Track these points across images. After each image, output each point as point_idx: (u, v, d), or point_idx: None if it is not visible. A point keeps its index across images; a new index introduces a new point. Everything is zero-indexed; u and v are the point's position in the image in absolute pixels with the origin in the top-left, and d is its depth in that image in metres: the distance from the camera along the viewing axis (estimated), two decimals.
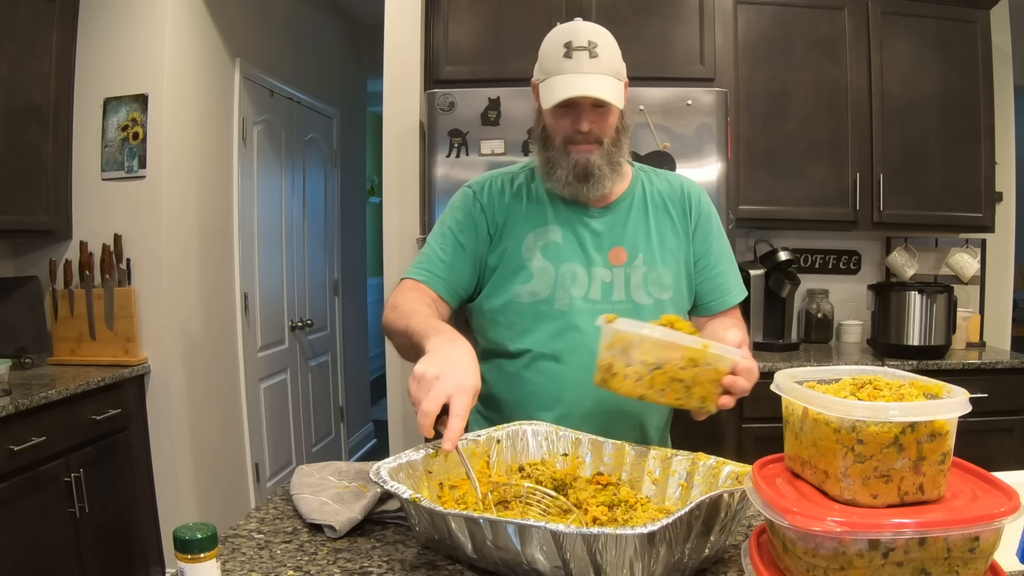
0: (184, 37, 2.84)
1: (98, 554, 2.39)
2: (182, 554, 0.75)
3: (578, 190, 1.32)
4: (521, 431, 1.16)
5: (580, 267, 1.34)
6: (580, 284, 1.33)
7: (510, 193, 1.39)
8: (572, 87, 1.23)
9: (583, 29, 1.28)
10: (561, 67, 1.25)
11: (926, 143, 2.90)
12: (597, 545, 0.77)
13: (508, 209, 1.38)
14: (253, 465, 3.37)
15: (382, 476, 0.95)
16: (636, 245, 1.36)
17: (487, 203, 1.38)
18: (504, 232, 1.37)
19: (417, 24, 2.78)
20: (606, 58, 1.26)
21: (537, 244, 1.35)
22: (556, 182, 1.33)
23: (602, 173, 1.31)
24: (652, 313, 1.33)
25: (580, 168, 1.30)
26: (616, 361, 1.06)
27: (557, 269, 1.33)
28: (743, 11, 2.81)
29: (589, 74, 1.24)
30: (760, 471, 0.88)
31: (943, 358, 2.71)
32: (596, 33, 1.28)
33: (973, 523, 0.72)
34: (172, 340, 2.78)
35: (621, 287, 1.34)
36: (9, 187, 2.47)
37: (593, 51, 1.25)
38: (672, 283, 1.37)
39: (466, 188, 1.42)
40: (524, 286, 1.33)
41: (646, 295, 1.34)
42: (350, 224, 4.70)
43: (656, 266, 1.36)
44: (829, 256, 3.23)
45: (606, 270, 1.34)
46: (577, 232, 1.35)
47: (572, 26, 1.29)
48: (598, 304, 1.33)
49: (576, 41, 1.25)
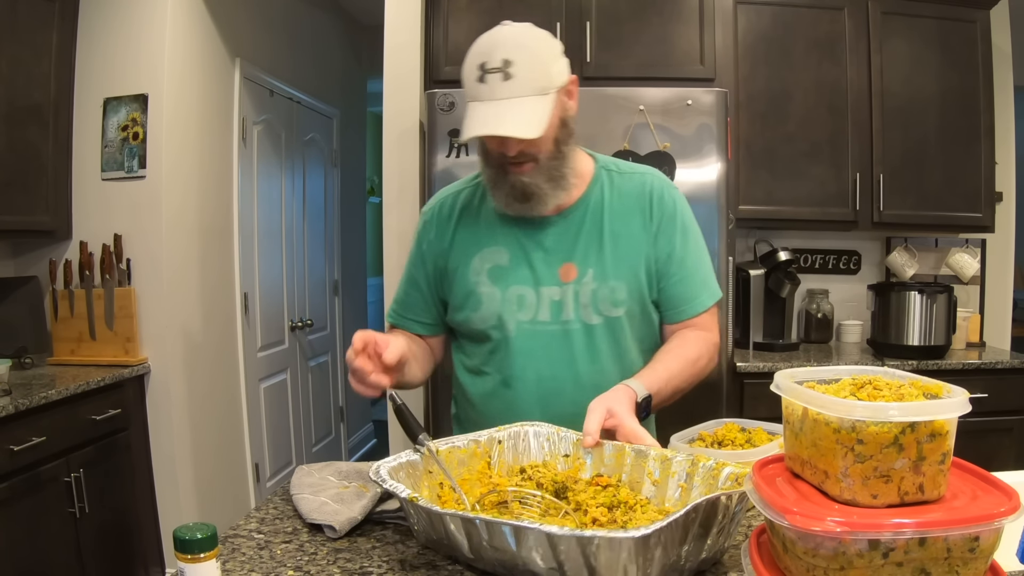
0: (184, 37, 2.84)
1: (98, 554, 2.39)
2: (182, 554, 0.75)
3: (520, 210, 1.27)
4: (523, 432, 1.16)
5: (528, 289, 1.30)
6: (528, 307, 1.30)
7: (456, 215, 1.37)
8: (483, 122, 1.16)
9: (500, 43, 1.17)
10: (476, 92, 1.18)
11: (926, 143, 2.90)
12: (591, 547, 0.77)
13: (454, 233, 1.36)
14: (253, 465, 3.37)
15: (381, 475, 0.95)
16: (587, 260, 1.30)
17: (434, 235, 1.38)
18: (451, 256, 1.36)
19: (417, 24, 2.78)
20: (523, 77, 1.15)
21: (484, 267, 1.32)
22: (500, 201, 1.29)
23: (542, 192, 1.24)
24: (603, 333, 1.30)
25: (518, 190, 1.24)
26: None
27: (504, 294, 1.30)
28: (743, 11, 2.81)
29: (502, 100, 1.15)
30: (760, 471, 0.88)
31: (943, 358, 2.71)
32: (515, 46, 1.16)
33: (973, 523, 0.72)
34: (172, 340, 2.78)
35: (571, 306, 1.29)
36: (9, 187, 2.47)
37: (507, 71, 1.15)
38: (626, 297, 1.30)
39: (422, 214, 1.43)
40: (474, 312, 1.32)
41: (596, 314, 1.29)
42: (350, 224, 4.70)
43: (608, 281, 1.29)
44: (829, 256, 3.23)
45: (556, 288, 1.29)
46: (525, 250, 1.31)
47: (491, 39, 1.19)
48: (547, 326, 1.29)
49: (490, 61, 1.16)
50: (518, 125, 1.15)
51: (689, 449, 1.12)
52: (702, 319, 1.35)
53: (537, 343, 1.29)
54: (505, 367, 1.31)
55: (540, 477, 1.03)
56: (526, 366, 1.30)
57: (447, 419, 1.55)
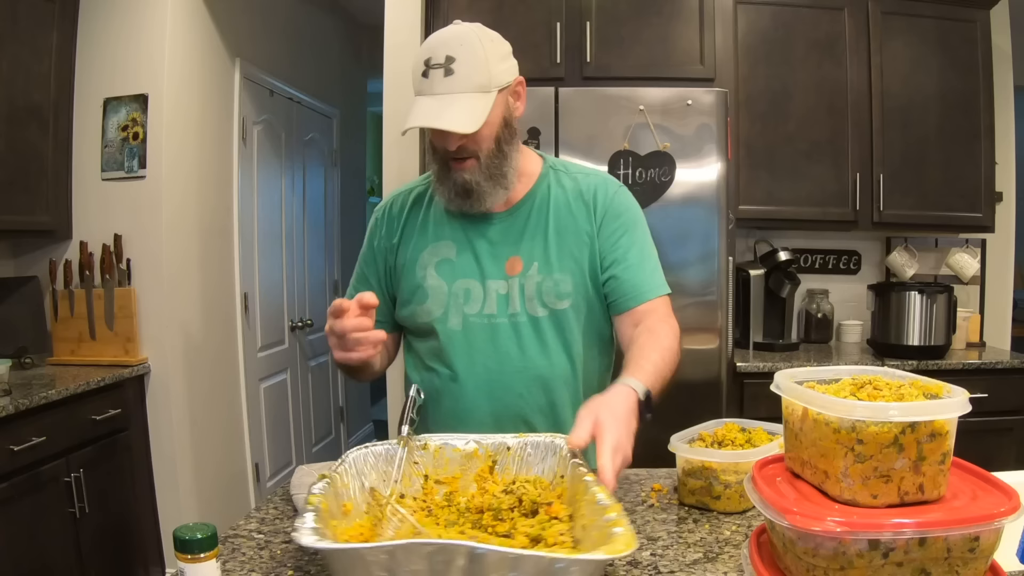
0: (184, 37, 2.83)
1: (98, 554, 2.39)
2: (182, 554, 0.75)
3: (462, 206, 1.29)
4: (533, 442, 1.11)
5: (475, 282, 1.31)
6: (474, 300, 1.31)
7: (407, 210, 1.39)
8: (420, 115, 1.18)
9: (446, 41, 1.20)
10: (419, 87, 1.20)
11: (926, 143, 2.90)
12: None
13: (403, 228, 1.38)
14: (253, 465, 3.37)
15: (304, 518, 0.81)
16: (532, 253, 1.32)
17: (384, 232, 1.39)
18: (400, 251, 1.37)
19: (417, 24, 2.78)
20: (464, 73, 1.18)
21: (432, 261, 1.33)
22: (443, 197, 1.30)
23: (481, 189, 1.26)
24: (549, 325, 1.30)
25: (459, 186, 1.26)
26: None
27: (450, 287, 1.31)
28: (743, 11, 2.81)
29: (441, 95, 1.18)
30: (760, 471, 0.88)
31: (943, 358, 2.71)
32: (458, 44, 1.19)
33: (973, 523, 0.72)
34: (172, 340, 2.78)
35: (517, 299, 1.30)
36: (9, 187, 2.47)
37: (449, 68, 1.17)
38: (571, 290, 1.31)
39: (374, 212, 1.44)
40: (421, 306, 1.33)
41: (541, 306, 1.30)
42: (350, 224, 4.70)
43: (552, 274, 1.31)
44: (829, 256, 3.23)
45: (502, 282, 1.31)
46: (472, 244, 1.33)
47: (439, 36, 1.22)
48: (494, 319, 1.30)
49: (434, 57, 1.18)
50: (454, 120, 1.16)
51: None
52: (655, 306, 1.31)
53: (483, 336, 1.30)
54: (452, 361, 1.31)
55: (522, 493, 1.01)
56: (473, 359, 1.30)
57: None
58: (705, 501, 1.13)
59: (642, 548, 1.00)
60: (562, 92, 2.47)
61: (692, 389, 2.42)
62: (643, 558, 0.97)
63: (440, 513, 1.03)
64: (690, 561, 0.96)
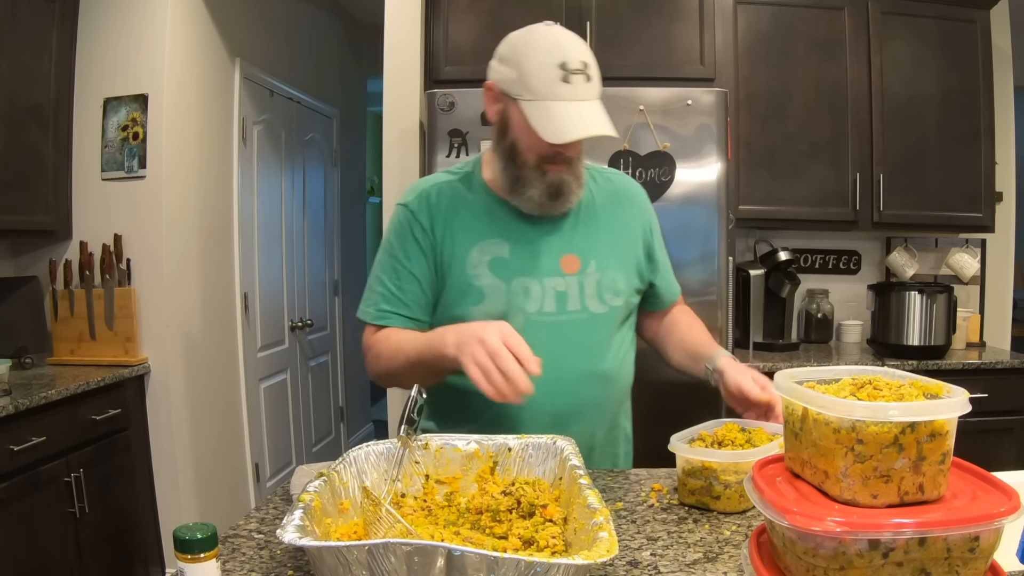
0: (184, 37, 2.84)
1: (98, 554, 2.39)
2: (182, 554, 0.75)
3: (549, 208, 1.29)
4: (535, 443, 1.11)
5: (532, 280, 1.30)
6: (534, 298, 1.30)
7: (446, 205, 1.34)
8: (584, 123, 1.17)
9: (572, 46, 1.20)
10: (557, 93, 1.18)
11: (926, 143, 2.90)
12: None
13: (445, 223, 1.33)
14: (253, 465, 3.37)
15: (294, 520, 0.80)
16: (588, 251, 1.33)
17: (425, 220, 1.33)
18: (445, 247, 1.32)
19: (417, 24, 2.78)
20: (596, 80, 1.21)
21: (483, 259, 1.30)
22: (527, 201, 1.28)
23: (571, 190, 1.29)
24: (606, 321, 1.33)
25: (554, 188, 1.26)
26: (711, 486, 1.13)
27: (508, 285, 1.29)
28: (743, 11, 2.81)
29: (587, 101, 1.19)
30: (760, 471, 0.88)
31: (943, 358, 2.71)
32: (585, 50, 1.22)
33: (973, 523, 0.72)
34: (172, 340, 2.78)
35: (576, 296, 1.31)
36: (9, 187, 2.47)
37: (587, 74, 1.19)
38: (624, 287, 1.36)
39: (401, 207, 1.36)
40: (476, 307, 1.29)
41: (600, 303, 1.33)
42: (350, 224, 4.70)
43: (609, 271, 1.34)
44: (829, 256, 3.23)
45: (559, 279, 1.31)
46: (526, 242, 1.31)
47: (557, 40, 1.21)
48: (553, 316, 1.30)
49: (570, 62, 1.18)
50: (608, 126, 1.20)
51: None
52: (680, 300, 1.55)
53: (544, 334, 1.29)
54: None
55: (520, 495, 1.00)
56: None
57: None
58: (705, 501, 1.13)
59: (642, 548, 1.00)
60: None
61: (692, 389, 2.41)
62: (643, 558, 0.97)
63: (440, 513, 1.03)
64: (690, 561, 0.96)
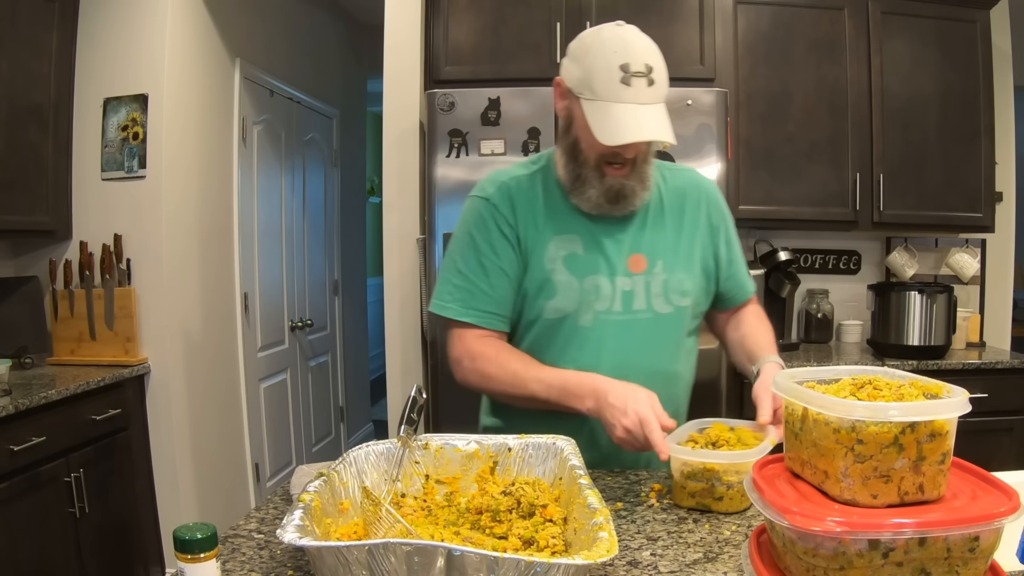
0: (184, 37, 2.84)
1: (98, 554, 2.39)
2: (182, 554, 0.75)
3: (609, 211, 1.29)
4: (534, 443, 1.11)
5: (603, 278, 1.31)
6: (604, 297, 1.31)
7: (525, 198, 1.33)
8: (639, 127, 1.16)
9: (638, 47, 1.18)
10: (618, 94, 1.16)
11: (926, 143, 2.90)
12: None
13: (525, 216, 1.33)
14: (253, 465, 3.37)
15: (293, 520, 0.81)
16: (655, 251, 1.33)
17: (508, 213, 1.32)
18: (523, 240, 1.32)
19: (417, 24, 2.78)
20: (660, 83, 1.19)
21: (559, 255, 1.31)
22: (585, 201, 1.29)
23: (634, 193, 1.28)
24: (672, 321, 1.34)
25: (613, 192, 1.27)
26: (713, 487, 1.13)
27: (581, 283, 1.30)
28: (743, 11, 2.81)
29: (648, 105, 1.17)
30: (760, 471, 0.88)
31: (943, 358, 2.71)
32: (653, 53, 1.20)
33: (973, 523, 0.72)
34: (172, 340, 2.78)
35: (642, 296, 1.32)
36: (9, 187, 2.47)
37: (651, 78, 1.17)
38: (692, 287, 1.36)
39: (481, 199, 1.34)
40: (549, 302, 1.31)
41: (666, 303, 1.33)
42: (350, 224, 4.70)
43: (676, 272, 1.34)
44: (829, 256, 3.23)
45: (626, 279, 1.32)
46: (598, 240, 1.32)
47: (623, 40, 1.19)
48: (620, 315, 1.31)
49: (633, 64, 1.16)
50: (665, 131, 1.19)
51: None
52: (755, 299, 1.51)
53: (612, 332, 1.31)
54: (581, 357, 1.31)
55: (520, 495, 1.00)
56: (602, 356, 1.31)
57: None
58: (707, 503, 1.13)
59: (642, 548, 1.00)
60: None
61: (692, 389, 2.42)
62: (643, 558, 0.97)
63: (440, 513, 1.03)
64: (690, 561, 0.96)
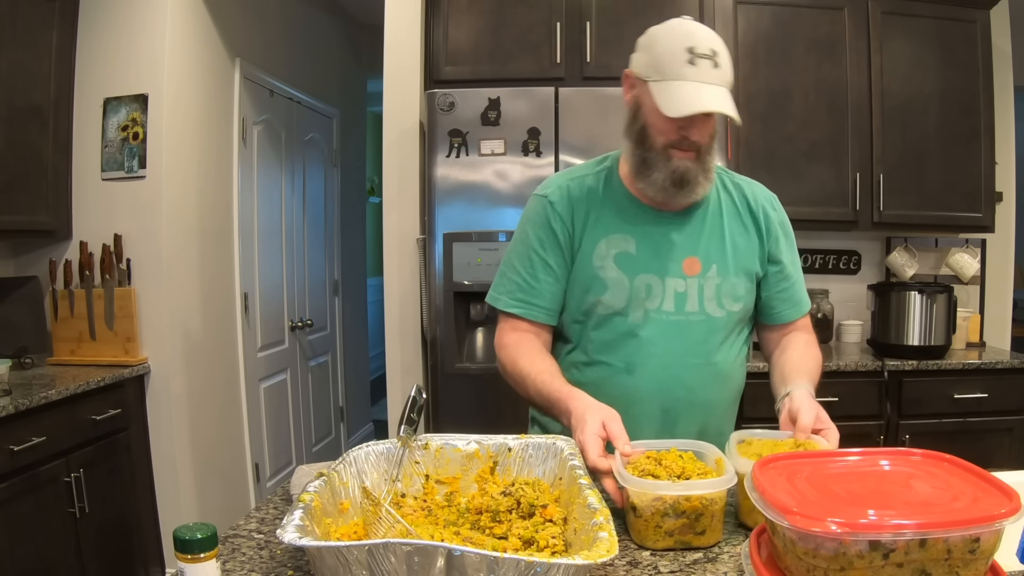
0: (184, 37, 2.83)
1: (98, 554, 2.39)
2: (182, 554, 0.75)
3: (672, 195, 1.30)
4: (534, 443, 1.10)
5: (655, 278, 1.33)
6: (655, 296, 1.33)
7: (584, 198, 1.38)
8: (701, 100, 1.20)
9: (702, 34, 1.24)
10: (683, 73, 1.21)
11: (926, 143, 2.90)
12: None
13: (582, 216, 1.37)
14: (253, 465, 3.37)
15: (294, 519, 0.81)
16: (710, 255, 1.35)
17: (565, 212, 1.37)
18: (576, 239, 1.37)
19: (417, 24, 2.78)
20: (725, 69, 1.23)
21: (610, 252, 1.34)
22: (651, 184, 1.30)
23: (697, 181, 1.29)
24: (723, 324, 1.36)
25: (679, 175, 1.28)
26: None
27: (632, 281, 1.33)
28: (743, 11, 2.81)
29: (713, 85, 1.21)
30: (761, 471, 0.88)
31: (943, 358, 2.71)
32: (716, 40, 1.25)
33: (973, 524, 0.72)
34: (172, 340, 2.78)
35: (695, 298, 1.34)
36: (9, 187, 2.47)
37: (716, 60, 1.22)
38: (744, 294, 1.38)
39: (540, 198, 1.41)
40: (599, 298, 1.34)
41: (718, 307, 1.35)
42: (350, 224, 4.70)
43: (729, 277, 1.36)
44: (829, 256, 3.23)
45: (680, 280, 1.34)
46: (652, 240, 1.35)
47: (687, 28, 1.25)
48: (671, 316, 1.33)
49: (699, 48, 1.22)
50: (728, 106, 1.21)
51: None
52: (804, 321, 1.47)
53: (661, 332, 1.33)
54: (629, 354, 1.33)
55: (520, 495, 0.99)
56: (650, 354, 1.33)
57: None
58: (688, 540, 0.99)
59: (642, 548, 1.00)
60: (562, 92, 2.46)
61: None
62: (643, 558, 0.97)
63: (440, 513, 1.03)
64: (690, 561, 0.96)
